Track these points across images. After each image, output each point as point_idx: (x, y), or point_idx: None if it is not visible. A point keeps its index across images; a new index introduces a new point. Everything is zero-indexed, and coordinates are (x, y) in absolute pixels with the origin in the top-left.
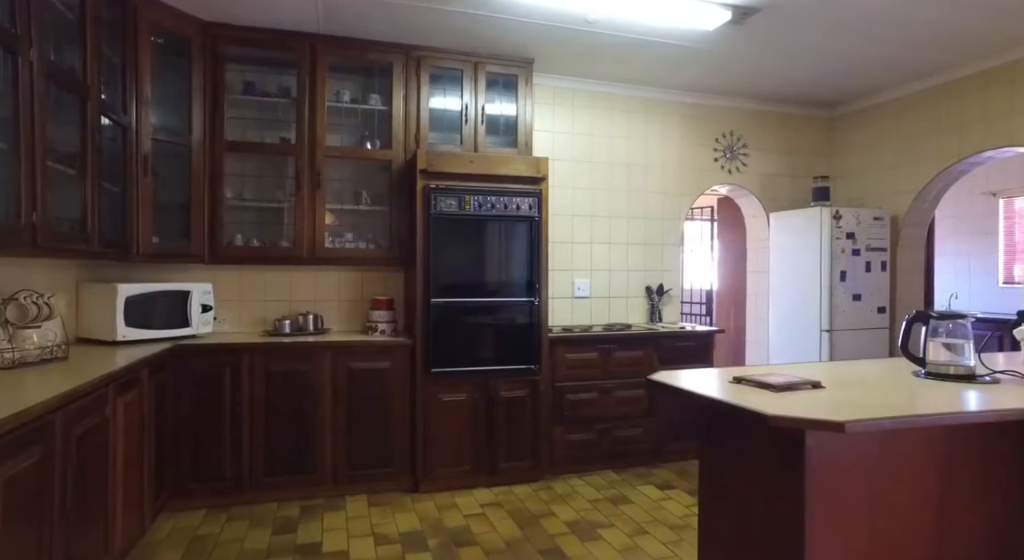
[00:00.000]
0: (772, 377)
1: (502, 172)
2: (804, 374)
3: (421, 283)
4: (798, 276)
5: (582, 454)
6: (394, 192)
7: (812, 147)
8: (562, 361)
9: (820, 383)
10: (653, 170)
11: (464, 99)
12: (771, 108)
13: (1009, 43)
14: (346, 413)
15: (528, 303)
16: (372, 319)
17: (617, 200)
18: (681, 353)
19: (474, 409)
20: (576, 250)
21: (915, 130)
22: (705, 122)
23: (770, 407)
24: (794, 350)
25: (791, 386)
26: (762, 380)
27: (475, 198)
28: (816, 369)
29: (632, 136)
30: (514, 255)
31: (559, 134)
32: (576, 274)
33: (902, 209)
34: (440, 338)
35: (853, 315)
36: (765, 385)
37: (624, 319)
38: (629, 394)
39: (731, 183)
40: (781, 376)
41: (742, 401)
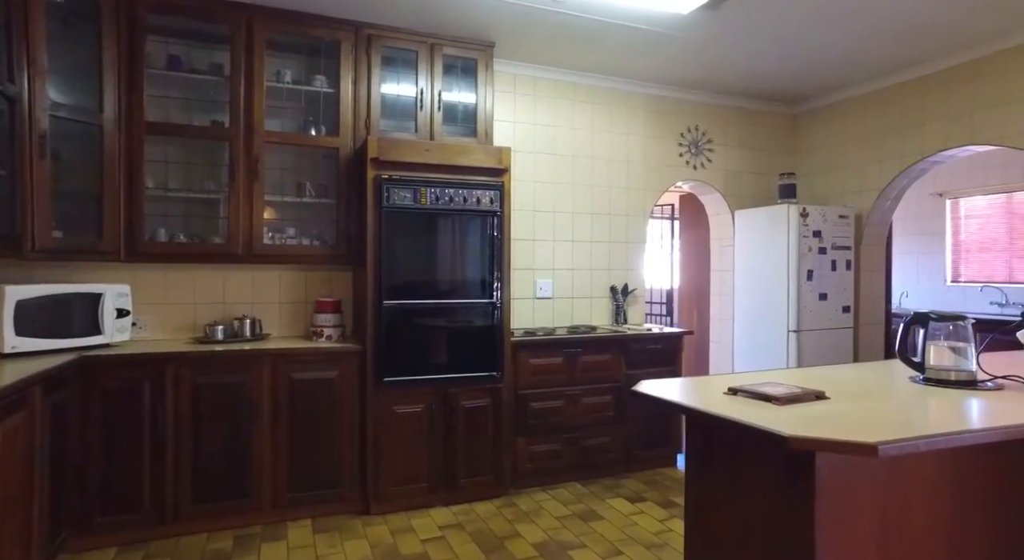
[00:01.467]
0: (770, 387)
1: (461, 163)
2: (799, 382)
3: (372, 283)
4: (764, 275)
5: (547, 466)
6: (342, 183)
7: (775, 144)
8: (525, 367)
9: (824, 393)
10: (617, 164)
11: (419, 84)
12: (736, 103)
13: (973, 40)
14: (288, 429)
15: (489, 305)
16: (317, 323)
17: (580, 195)
18: (650, 356)
19: (431, 421)
20: (538, 248)
21: (878, 128)
22: (670, 116)
23: (781, 424)
24: (761, 351)
25: (794, 398)
26: (761, 391)
27: (432, 190)
28: (809, 376)
29: (596, 128)
30: (474, 253)
31: (520, 124)
32: (538, 273)
33: (865, 207)
34: (393, 344)
35: (820, 315)
36: (766, 397)
37: (588, 321)
38: (596, 401)
39: (696, 179)
40: (779, 386)
41: (750, 418)
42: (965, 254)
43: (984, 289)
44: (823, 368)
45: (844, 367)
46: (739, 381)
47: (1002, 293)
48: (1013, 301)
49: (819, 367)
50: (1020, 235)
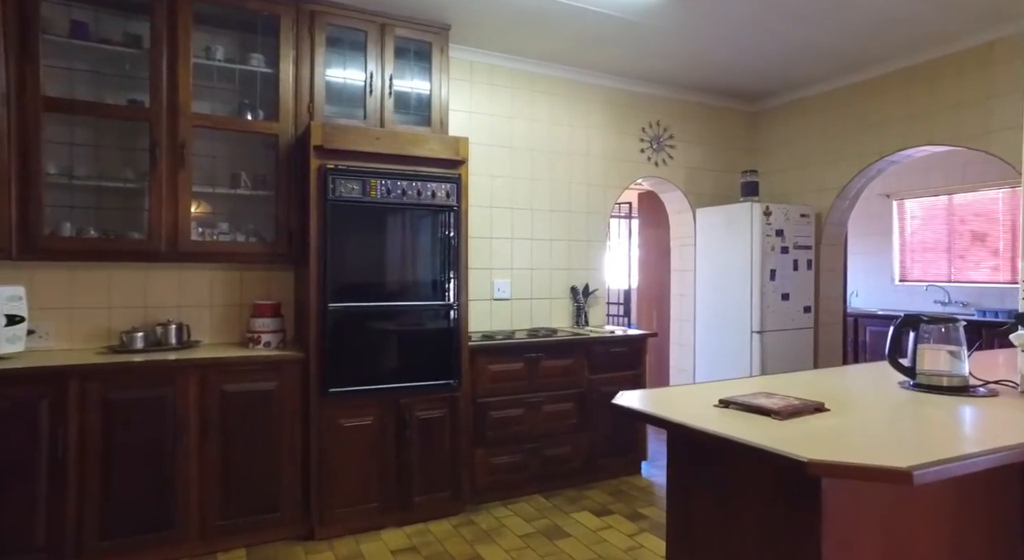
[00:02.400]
0: (764, 398)
1: (415, 153)
2: (786, 390)
3: (316, 284)
4: (727, 275)
5: (508, 479)
6: (282, 174)
7: (736, 142)
8: (484, 373)
9: (823, 405)
10: (577, 159)
11: (369, 67)
12: (697, 99)
13: (933, 40)
14: (219, 448)
15: (445, 307)
16: (254, 329)
17: (539, 191)
18: (614, 360)
19: (382, 435)
20: (495, 246)
21: (838, 127)
22: (631, 110)
23: (790, 444)
24: (723, 353)
25: (795, 411)
26: (757, 404)
27: (382, 182)
28: (795, 384)
29: (555, 121)
30: (429, 251)
31: (477, 115)
32: (495, 273)
33: (825, 207)
34: (340, 351)
35: (782, 315)
36: (763, 410)
37: (548, 323)
38: (558, 408)
39: (657, 176)
40: (773, 397)
41: (754, 437)
42: (910, 254)
43: (929, 288)
44: (806, 374)
45: (827, 372)
46: (727, 391)
47: (945, 292)
48: (955, 300)
49: (802, 373)
50: (959, 236)
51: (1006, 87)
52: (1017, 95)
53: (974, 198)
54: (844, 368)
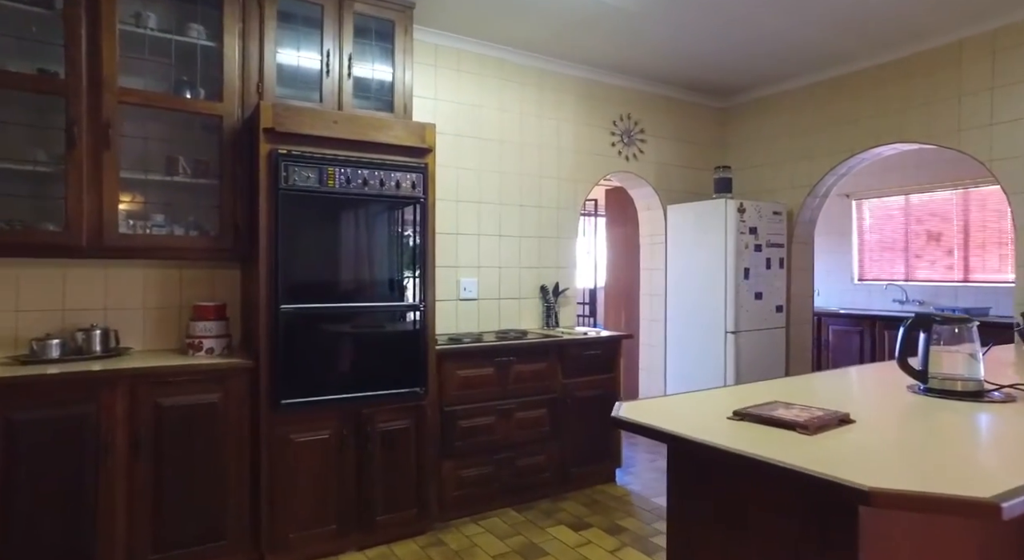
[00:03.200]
0: (782, 410)
1: (377, 139)
2: (794, 396)
3: (266, 283)
4: (699, 273)
5: (478, 493)
6: (227, 160)
7: (705, 138)
8: (452, 379)
9: (848, 416)
10: (547, 152)
11: (325, 45)
12: (668, 93)
13: (909, 36)
14: (152, 472)
15: (411, 308)
16: (195, 333)
17: (508, 185)
18: (588, 363)
19: (341, 450)
20: (461, 243)
21: (809, 124)
22: (602, 102)
23: (830, 465)
24: (697, 354)
25: (822, 424)
26: (777, 416)
27: (341, 171)
28: (798, 389)
29: (525, 112)
30: (393, 247)
31: (442, 103)
32: (462, 272)
33: (796, 204)
34: (293, 358)
35: (756, 315)
36: (787, 424)
37: (517, 324)
38: (531, 415)
39: (628, 171)
40: (792, 407)
41: (792, 458)
42: (868, 253)
43: (888, 287)
44: (802, 379)
45: (824, 376)
46: (731, 399)
47: (903, 291)
48: (912, 298)
49: (799, 378)
50: (915, 235)
51: (976, 86)
52: (986, 94)
53: (929, 198)
54: (840, 371)
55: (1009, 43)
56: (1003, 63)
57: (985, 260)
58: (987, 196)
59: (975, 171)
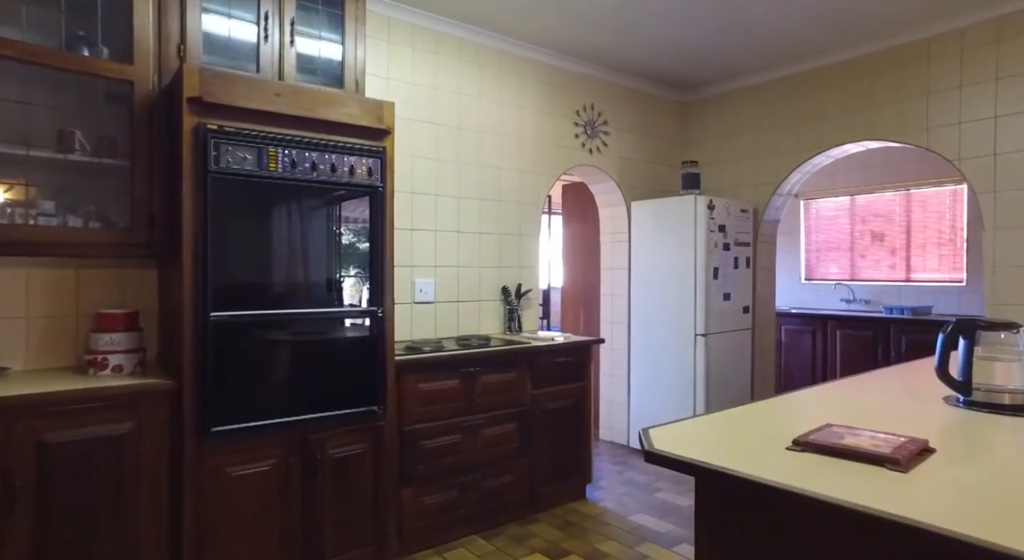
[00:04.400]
0: (850, 437)
1: (329, 117)
2: (828, 414)
3: (191, 286)
4: (666, 273)
5: (442, 521)
6: (140, 135)
7: (668, 132)
8: (413, 394)
9: (927, 444)
10: (508, 141)
11: (263, 7)
12: (632, 84)
13: (879, 31)
14: (33, 526)
15: (367, 315)
16: (97, 348)
17: (467, 176)
18: (558, 371)
19: (285, 482)
20: (417, 240)
21: (775, 120)
22: (565, 90)
23: (976, 525)
24: (663, 357)
25: (908, 456)
26: (852, 446)
27: (285, 152)
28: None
29: (484, 96)
30: (346, 243)
31: (395, 83)
32: (417, 272)
33: (762, 202)
34: (227, 376)
35: (725, 316)
36: (873, 458)
37: (477, 329)
38: (499, 431)
39: (592, 165)
40: (860, 433)
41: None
42: (816, 253)
43: (837, 286)
44: (823, 390)
45: (841, 385)
46: (768, 418)
47: (850, 290)
48: (859, 298)
49: (818, 389)
50: (860, 236)
51: (944, 84)
52: (954, 93)
53: (875, 199)
54: (853, 381)
55: (976, 42)
56: (971, 62)
57: (926, 260)
58: (928, 197)
59: (917, 173)
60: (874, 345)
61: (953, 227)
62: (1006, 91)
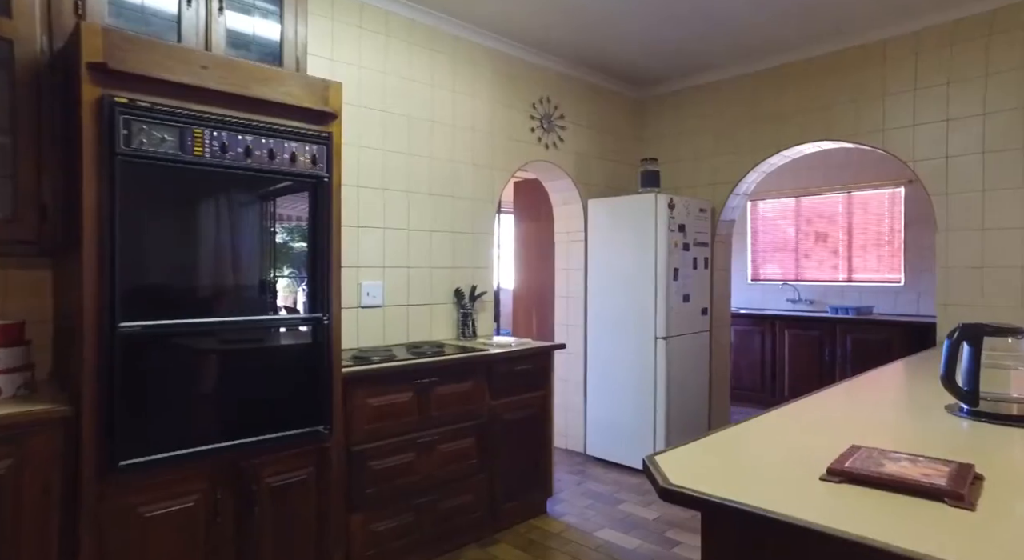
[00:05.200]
0: (891, 465)
1: (266, 95)
2: (849, 431)
3: (95, 291)
4: (625, 274)
5: (395, 548)
6: (25, 108)
7: (624, 129)
8: (362, 410)
9: (973, 468)
10: (462, 133)
11: None
12: (588, 77)
13: (839, 29)
14: None
15: (311, 322)
16: None
17: (418, 170)
18: (520, 379)
19: (213, 519)
20: (364, 238)
21: (734, 118)
22: (520, 81)
23: None
24: (622, 361)
25: (968, 489)
26: (899, 476)
27: (215, 134)
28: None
29: (437, 84)
30: (285, 241)
31: (341, 65)
32: (364, 273)
33: (719, 201)
34: (140, 397)
35: (685, 319)
36: (929, 491)
37: (428, 335)
38: (456, 446)
39: (548, 160)
40: (899, 459)
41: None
42: (762, 253)
43: (784, 286)
44: (822, 397)
45: (835, 392)
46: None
47: (795, 290)
48: (804, 298)
49: (810, 399)
50: (805, 236)
51: (900, 86)
52: (909, 95)
53: (820, 200)
54: (839, 389)
55: (929, 46)
56: (924, 65)
57: (866, 260)
58: (868, 199)
59: (858, 175)
60: (821, 345)
61: (891, 229)
62: (957, 95)
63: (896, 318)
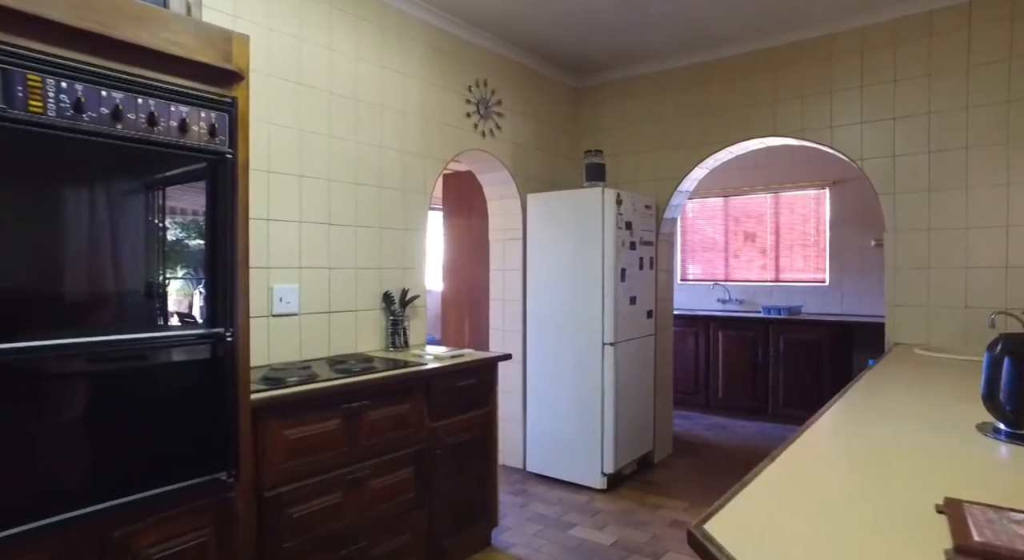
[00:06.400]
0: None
1: (142, 40)
2: (905, 469)
3: None
4: (568, 275)
5: None
6: None
7: (561, 119)
8: (278, 446)
9: None
10: (391, 115)
11: None
12: (526, 61)
13: (783, 24)
14: None
15: (211, 338)
16: None
17: (341, 155)
18: (463, 396)
19: None
20: (276, 234)
21: (678, 111)
22: (455, 60)
23: None
24: (566, 369)
25: None
26: None
27: (61, 84)
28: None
29: (363, 57)
30: (174, 237)
31: (245, 23)
32: (277, 275)
33: (663, 198)
34: None
35: (632, 322)
36: None
37: (354, 346)
38: (391, 480)
39: (484, 150)
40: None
41: None
42: (691, 253)
43: (715, 287)
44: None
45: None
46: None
47: (725, 290)
48: (734, 298)
49: (825, 418)
50: (734, 236)
51: (847, 83)
52: (855, 92)
53: (747, 200)
54: (848, 403)
55: (876, 43)
56: (871, 62)
57: (793, 260)
58: (795, 200)
59: (785, 176)
60: (754, 345)
61: (817, 229)
62: (903, 93)
63: (824, 318)
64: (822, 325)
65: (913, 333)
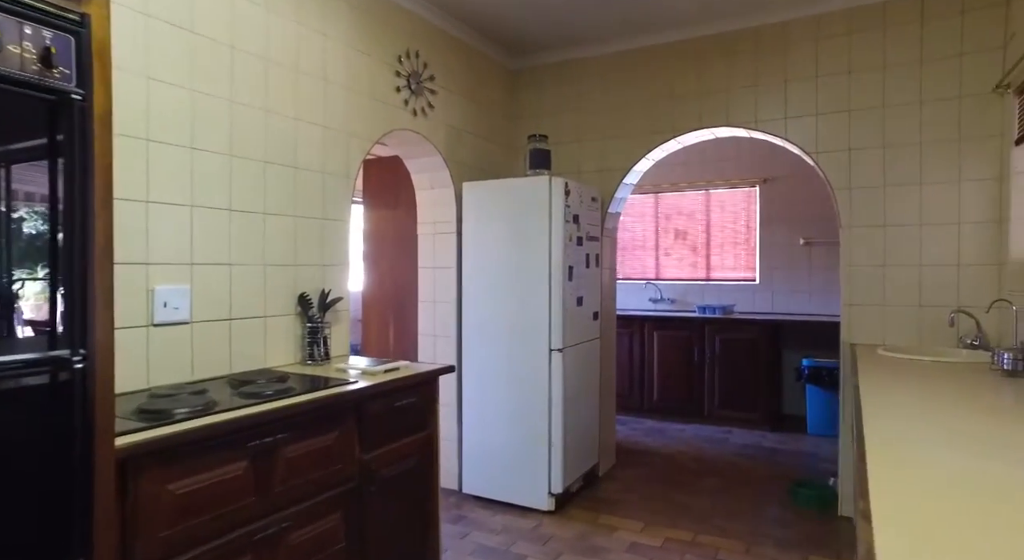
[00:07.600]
0: None
1: None
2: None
3: None
4: (510, 273)
5: None
6: None
7: (497, 102)
8: (159, 506)
9: None
10: (309, 82)
11: None
12: (461, 34)
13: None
14: None
15: (43, 366)
16: None
17: (245, 125)
18: (399, 420)
19: None
20: (158, 220)
21: (625, 97)
22: (385, 25)
23: None
24: (508, 379)
25: None
26: None
27: None
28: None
29: (274, 9)
30: (9, 218)
31: None
32: (159, 274)
33: (608, 191)
34: None
35: (579, 325)
36: None
37: (263, 361)
38: (316, 531)
39: (415, 130)
40: None
41: None
42: (623, 251)
43: (647, 285)
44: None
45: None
46: None
47: (657, 288)
48: (666, 297)
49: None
50: (665, 233)
51: (801, 72)
52: (810, 82)
53: (679, 197)
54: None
55: (831, 32)
56: (826, 52)
57: (723, 259)
58: (725, 198)
59: (716, 174)
60: (690, 345)
61: (747, 227)
62: (858, 85)
63: (757, 317)
64: (756, 324)
65: (869, 333)
